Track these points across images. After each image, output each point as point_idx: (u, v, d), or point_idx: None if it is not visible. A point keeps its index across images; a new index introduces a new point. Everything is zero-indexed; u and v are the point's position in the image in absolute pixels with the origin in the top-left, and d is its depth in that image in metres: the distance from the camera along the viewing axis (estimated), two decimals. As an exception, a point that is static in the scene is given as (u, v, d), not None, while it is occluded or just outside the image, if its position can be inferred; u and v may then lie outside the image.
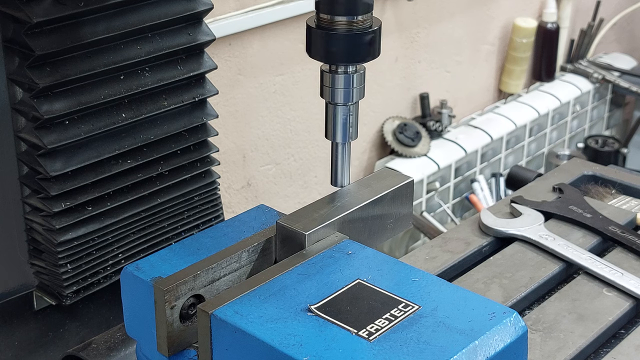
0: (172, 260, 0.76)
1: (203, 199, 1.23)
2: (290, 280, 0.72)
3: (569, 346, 0.97)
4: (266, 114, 2.25)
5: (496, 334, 0.66)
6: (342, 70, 0.78)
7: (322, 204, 0.80)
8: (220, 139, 1.26)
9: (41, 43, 1.01)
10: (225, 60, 2.08)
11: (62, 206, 1.07)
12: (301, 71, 2.26)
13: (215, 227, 0.82)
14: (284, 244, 0.78)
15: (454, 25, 2.71)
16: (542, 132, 2.89)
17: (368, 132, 2.58)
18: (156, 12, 1.11)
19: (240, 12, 2.07)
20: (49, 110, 1.03)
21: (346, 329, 0.66)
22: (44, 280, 1.13)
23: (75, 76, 1.04)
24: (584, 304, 1.04)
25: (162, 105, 1.14)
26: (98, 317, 1.17)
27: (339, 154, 0.82)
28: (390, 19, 2.50)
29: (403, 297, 0.70)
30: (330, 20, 0.76)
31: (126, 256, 1.16)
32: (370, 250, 0.77)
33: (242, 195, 2.26)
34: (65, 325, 1.16)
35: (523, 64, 2.90)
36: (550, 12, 2.98)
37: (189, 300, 0.73)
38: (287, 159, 2.35)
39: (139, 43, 1.10)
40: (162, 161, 1.16)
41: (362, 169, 2.59)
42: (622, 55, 3.32)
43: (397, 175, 0.85)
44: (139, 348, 0.78)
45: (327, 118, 0.81)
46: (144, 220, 1.16)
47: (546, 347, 0.96)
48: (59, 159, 1.06)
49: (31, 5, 1.00)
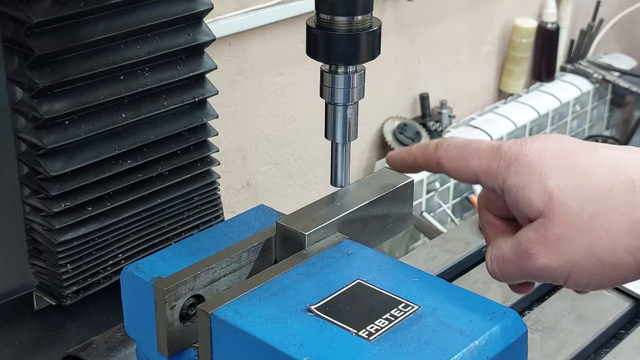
0: (172, 260, 0.76)
1: (203, 199, 1.23)
2: (290, 280, 0.72)
3: (569, 346, 0.97)
4: (266, 114, 2.25)
5: (496, 334, 0.66)
6: (342, 70, 0.78)
7: (322, 204, 0.80)
8: (220, 139, 1.26)
9: (41, 43, 1.01)
10: (225, 60, 2.08)
11: (62, 206, 1.07)
12: (301, 71, 2.26)
13: (215, 227, 0.82)
14: (284, 244, 0.77)
15: (454, 25, 2.71)
16: (542, 132, 2.89)
17: (368, 132, 2.58)
18: (156, 12, 1.11)
19: (240, 12, 2.07)
20: (49, 111, 1.03)
21: (346, 329, 0.66)
22: (44, 280, 1.13)
23: (75, 76, 1.04)
24: (584, 304, 1.04)
25: (162, 105, 1.14)
26: (98, 317, 1.17)
27: (338, 154, 0.82)
28: (390, 19, 2.50)
29: (403, 297, 0.70)
30: (330, 20, 0.76)
31: (126, 256, 1.16)
32: (370, 250, 0.77)
33: (242, 195, 2.26)
34: (65, 326, 1.16)
35: (523, 64, 2.90)
36: (550, 12, 2.98)
37: (189, 300, 0.73)
38: (287, 159, 2.35)
39: (139, 43, 1.10)
40: (162, 161, 1.16)
41: (362, 169, 2.59)
42: (622, 56, 3.32)
43: (397, 175, 0.85)
44: (139, 348, 0.78)
45: (327, 118, 0.80)
46: (144, 220, 1.16)
47: (546, 347, 0.96)
48: (59, 159, 1.06)
49: (31, 5, 1.00)
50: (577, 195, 0.68)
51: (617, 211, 0.67)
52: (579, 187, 0.68)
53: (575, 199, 0.68)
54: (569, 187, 0.68)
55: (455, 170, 0.75)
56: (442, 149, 0.75)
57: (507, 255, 0.72)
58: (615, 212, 0.67)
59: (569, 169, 0.69)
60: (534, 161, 0.70)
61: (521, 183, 0.70)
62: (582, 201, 0.67)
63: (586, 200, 0.67)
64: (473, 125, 2.75)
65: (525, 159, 0.70)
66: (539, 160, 0.69)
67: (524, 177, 0.69)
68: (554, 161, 0.69)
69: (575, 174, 0.68)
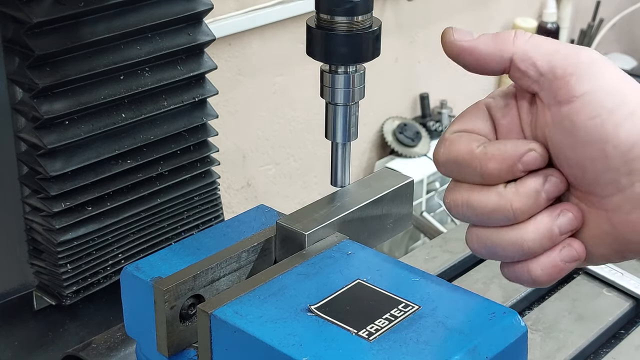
0: (172, 260, 0.76)
1: (203, 199, 1.23)
2: (290, 281, 0.72)
3: (568, 346, 0.97)
4: (266, 114, 2.25)
5: (496, 334, 0.66)
6: (342, 70, 0.78)
7: (322, 204, 0.80)
8: (220, 139, 1.26)
9: (41, 43, 1.01)
10: (225, 60, 2.08)
11: (62, 206, 1.07)
12: (301, 71, 2.26)
13: (215, 227, 0.82)
14: (284, 244, 0.78)
15: (454, 25, 2.71)
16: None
17: (368, 132, 2.58)
18: (156, 12, 1.11)
19: (240, 12, 2.07)
20: (49, 111, 1.03)
21: (346, 329, 0.66)
22: (44, 280, 1.13)
23: (75, 76, 1.04)
24: (583, 304, 1.04)
25: (162, 106, 1.14)
26: (98, 317, 1.17)
27: (339, 154, 0.82)
28: (390, 19, 2.50)
29: (403, 297, 0.70)
30: (331, 20, 0.76)
31: (126, 256, 1.16)
32: (370, 250, 0.77)
33: (242, 195, 2.26)
34: (65, 325, 1.16)
35: (523, 64, 2.90)
36: (550, 12, 2.99)
37: (189, 300, 0.73)
38: (287, 159, 2.35)
39: (139, 43, 1.10)
40: (162, 161, 1.16)
41: (362, 169, 2.59)
42: (622, 56, 3.32)
43: (397, 175, 0.85)
44: (139, 348, 0.78)
45: (327, 118, 0.80)
46: (143, 221, 1.16)
47: (546, 347, 0.96)
48: (59, 159, 1.06)
49: (31, 5, 1.00)
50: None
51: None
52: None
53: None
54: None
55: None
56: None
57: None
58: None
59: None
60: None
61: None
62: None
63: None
64: (473, 125, 2.75)
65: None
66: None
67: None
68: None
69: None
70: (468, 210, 0.64)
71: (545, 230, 0.61)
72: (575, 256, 0.62)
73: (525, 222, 0.62)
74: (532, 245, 0.61)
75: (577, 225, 0.62)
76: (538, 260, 0.62)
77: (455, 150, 0.64)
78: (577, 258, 0.62)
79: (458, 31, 0.66)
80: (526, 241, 0.61)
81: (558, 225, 0.62)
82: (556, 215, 0.62)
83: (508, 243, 0.62)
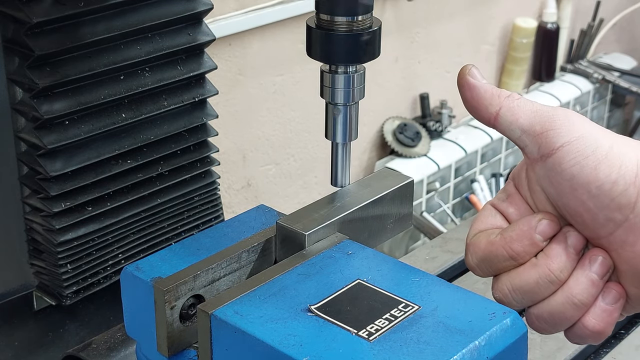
0: (172, 260, 0.76)
1: (203, 199, 1.23)
2: (290, 281, 0.72)
3: (568, 346, 0.97)
4: (266, 114, 2.25)
5: (496, 334, 0.66)
6: (342, 70, 0.78)
7: (322, 204, 0.80)
8: (220, 139, 1.26)
9: (41, 43, 1.01)
10: (225, 60, 2.08)
11: (62, 206, 1.07)
12: (301, 71, 2.26)
13: (215, 227, 0.82)
14: (284, 244, 0.77)
15: (454, 25, 2.71)
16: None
17: (368, 132, 2.58)
18: (156, 12, 1.11)
19: (240, 12, 2.07)
20: (49, 111, 1.03)
21: (346, 329, 0.66)
22: (44, 281, 1.13)
23: (75, 76, 1.04)
24: (584, 304, 1.04)
25: (162, 106, 1.14)
26: (98, 317, 1.17)
27: (339, 154, 0.82)
28: (390, 19, 2.50)
29: (403, 297, 0.70)
30: (330, 20, 0.76)
31: (126, 256, 1.16)
32: (370, 250, 0.77)
33: (242, 195, 2.26)
34: (65, 326, 1.16)
35: (523, 64, 2.90)
36: (550, 12, 2.99)
37: (189, 301, 0.73)
38: (287, 159, 2.35)
39: (139, 43, 1.10)
40: (162, 161, 1.16)
41: (362, 169, 2.60)
42: (622, 56, 3.32)
43: (397, 175, 0.85)
44: (139, 348, 0.78)
45: (327, 118, 0.80)
46: (144, 221, 1.16)
47: (546, 347, 0.96)
48: (59, 159, 1.06)
49: (31, 5, 1.00)
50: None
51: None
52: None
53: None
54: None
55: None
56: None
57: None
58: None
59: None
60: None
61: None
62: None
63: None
64: (473, 125, 2.75)
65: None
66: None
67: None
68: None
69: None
70: (517, 293, 0.70)
71: (585, 279, 0.67)
72: (617, 295, 0.67)
73: (567, 281, 0.67)
74: (581, 297, 0.67)
75: (608, 264, 0.67)
76: (588, 312, 0.67)
77: (479, 250, 0.71)
78: (618, 297, 0.67)
79: (474, 70, 0.74)
80: (575, 295, 0.67)
81: (594, 272, 0.67)
82: (588, 264, 0.67)
83: (562, 305, 0.68)
